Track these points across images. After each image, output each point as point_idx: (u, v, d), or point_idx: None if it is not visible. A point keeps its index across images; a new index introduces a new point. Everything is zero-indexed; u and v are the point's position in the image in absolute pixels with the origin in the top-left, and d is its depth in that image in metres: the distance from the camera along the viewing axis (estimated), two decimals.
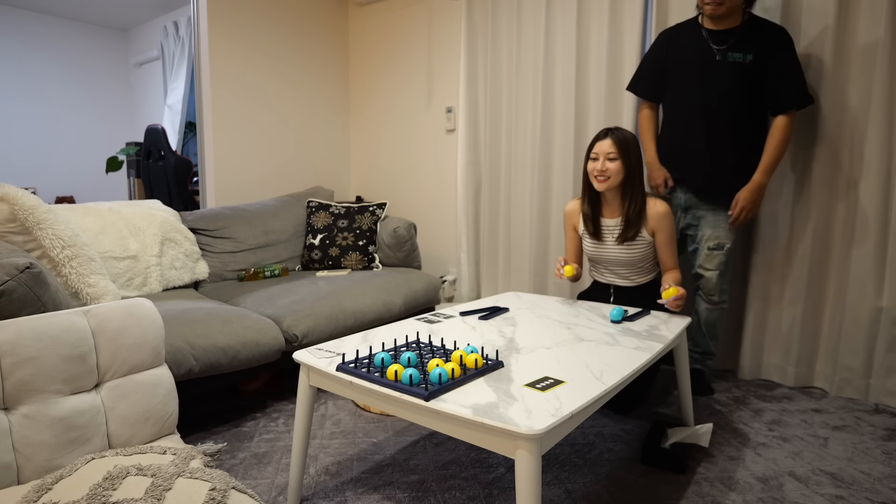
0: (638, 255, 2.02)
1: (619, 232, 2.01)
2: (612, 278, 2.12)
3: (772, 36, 1.99)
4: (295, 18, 3.43)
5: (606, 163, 1.94)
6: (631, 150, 1.94)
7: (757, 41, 2.00)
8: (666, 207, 1.97)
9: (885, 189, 2.03)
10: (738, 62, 2.02)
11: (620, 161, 1.93)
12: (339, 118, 3.79)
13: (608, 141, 1.95)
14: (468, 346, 1.30)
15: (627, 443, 1.80)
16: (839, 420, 1.97)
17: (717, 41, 2.06)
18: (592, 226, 2.06)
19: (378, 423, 1.94)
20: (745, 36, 2.02)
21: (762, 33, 2.00)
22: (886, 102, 1.99)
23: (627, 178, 1.96)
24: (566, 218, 2.17)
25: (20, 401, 1.07)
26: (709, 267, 2.15)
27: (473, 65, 3.11)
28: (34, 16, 4.92)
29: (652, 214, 1.97)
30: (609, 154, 1.94)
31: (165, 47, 4.91)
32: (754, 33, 2.01)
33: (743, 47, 2.01)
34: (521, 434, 0.96)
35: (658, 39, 2.24)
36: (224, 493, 0.94)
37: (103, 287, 1.77)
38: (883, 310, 2.05)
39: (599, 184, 1.96)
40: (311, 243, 2.86)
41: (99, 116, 5.36)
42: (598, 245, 2.07)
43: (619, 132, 1.96)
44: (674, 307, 1.77)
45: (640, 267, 2.05)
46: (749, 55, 2.01)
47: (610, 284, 2.13)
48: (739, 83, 2.03)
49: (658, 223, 1.97)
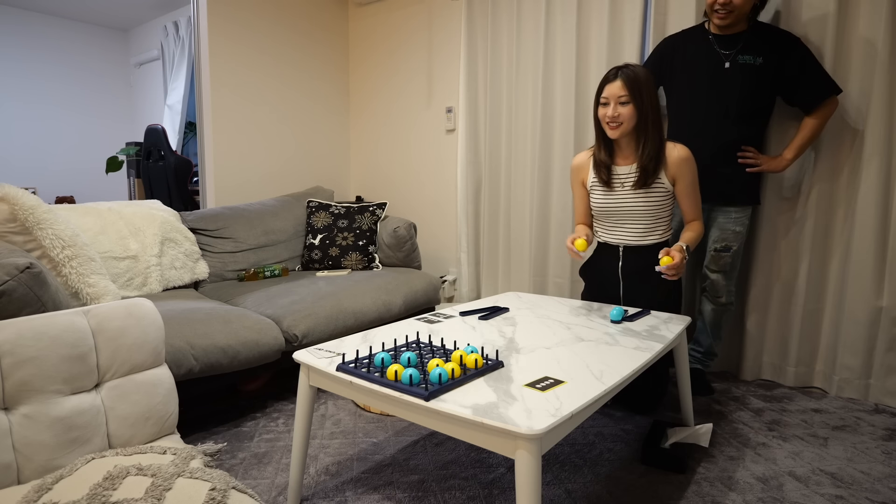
0: (655, 205, 1.88)
1: (633, 178, 1.87)
2: (623, 236, 1.97)
3: (780, 39, 2.01)
4: (295, 18, 3.43)
5: (618, 108, 1.81)
6: (643, 89, 1.80)
7: (765, 45, 2.02)
8: (687, 152, 1.86)
9: (885, 189, 2.03)
10: (749, 64, 2.03)
11: (633, 105, 1.80)
12: (339, 118, 3.79)
13: (618, 83, 1.81)
14: (468, 346, 1.30)
15: (627, 443, 1.80)
16: (839, 420, 1.97)
17: (724, 46, 2.07)
18: (604, 173, 1.92)
19: (378, 423, 1.94)
20: (753, 40, 2.04)
21: (769, 38, 2.02)
22: (886, 101, 1.99)
23: (640, 121, 1.83)
24: (573, 173, 2.04)
25: (20, 401, 1.07)
26: (714, 268, 2.15)
27: (473, 65, 3.11)
28: (34, 16, 4.92)
29: (672, 159, 1.85)
30: (620, 98, 1.81)
31: (165, 47, 4.91)
32: (761, 38, 2.03)
33: (752, 50, 2.03)
34: (521, 434, 0.96)
35: (662, 46, 2.24)
36: (224, 493, 0.94)
37: (103, 287, 1.77)
38: (883, 309, 2.05)
39: (612, 131, 1.84)
40: (311, 243, 2.86)
41: (99, 116, 5.37)
42: (610, 195, 1.94)
43: (630, 70, 1.81)
44: (669, 276, 1.75)
45: (656, 220, 1.92)
46: (759, 58, 2.02)
47: (619, 245, 1.99)
48: (750, 85, 2.04)
49: (679, 169, 1.85)
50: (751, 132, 2.09)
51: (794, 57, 2.00)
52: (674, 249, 1.78)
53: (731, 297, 2.17)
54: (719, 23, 2.04)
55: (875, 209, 2.05)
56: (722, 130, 2.09)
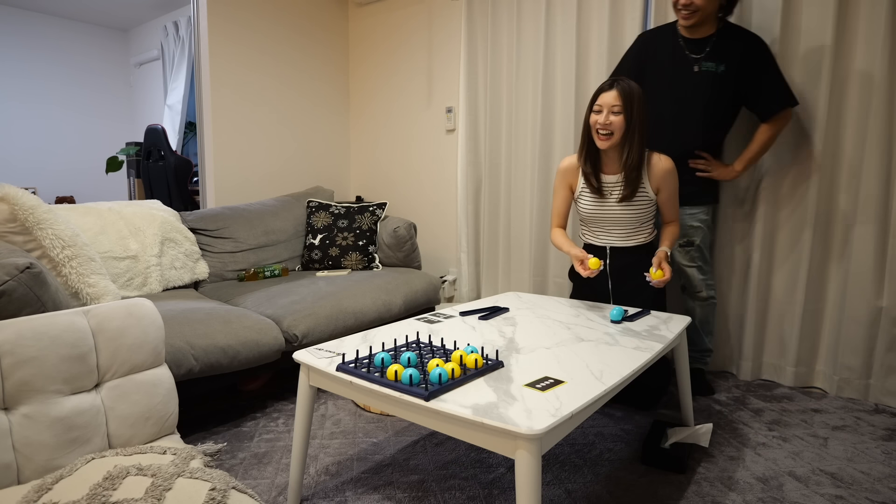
0: (640, 212, 1.96)
1: (619, 189, 1.94)
2: (608, 239, 2.04)
3: (746, 45, 2.02)
4: (295, 18, 3.43)
5: (610, 116, 1.85)
6: (635, 102, 1.85)
7: (730, 51, 2.03)
8: (670, 163, 1.93)
9: (885, 188, 2.03)
10: (711, 72, 2.05)
11: (623, 115, 1.85)
12: (339, 118, 3.79)
13: (613, 92, 1.85)
14: (468, 346, 1.30)
15: (627, 443, 1.80)
16: (839, 420, 1.97)
17: (692, 50, 2.09)
18: (596, 181, 1.97)
19: (378, 423, 1.94)
20: (719, 46, 2.05)
21: (736, 43, 2.03)
22: (886, 101, 1.99)
23: (627, 132, 1.87)
24: (561, 175, 2.06)
25: (20, 401, 1.07)
26: (685, 262, 2.19)
27: (473, 65, 3.11)
28: (34, 16, 4.92)
29: (657, 171, 1.92)
30: (614, 107, 1.85)
31: (165, 47, 4.91)
32: (728, 43, 2.04)
33: (717, 57, 2.05)
34: (521, 434, 0.97)
35: (637, 43, 2.26)
36: (224, 493, 0.94)
37: (103, 287, 1.77)
38: (883, 309, 2.05)
39: (602, 141, 1.88)
40: (311, 243, 2.86)
41: (99, 116, 5.37)
42: (600, 203, 1.99)
43: (626, 82, 1.86)
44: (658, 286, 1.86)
45: (641, 224, 1.99)
46: (722, 65, 2.04)
47: (605, 247, 2.06)
48: (711, 93, 2.06)
49: (663, 180, 1.92)
50: (714, 139, 2.15)
51: (758, 61, 2.01)
52: (664, 261, 1.87)
53: (710, 290, 2.20)
54: (684, 23, 2.05)
55: (876, 209, 2.05)
56: (688, 137, 2.13)
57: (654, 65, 2.17)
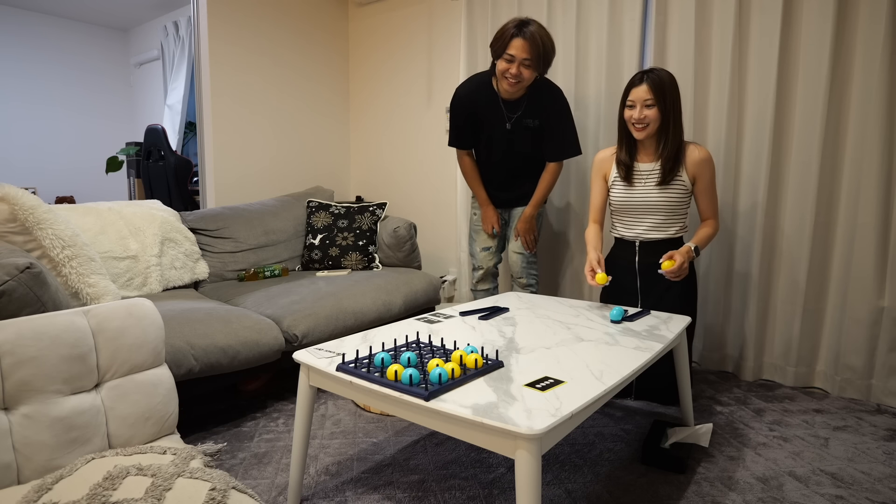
0: (674, 201, 1.96)
1: (656, 175, 1.96)
2: (639, 230, 2.04)
3: (550, 100, 2.31)
4: (295, 19, 3.43)
5: (644, 110, 1.90)
6: (667, 93, 1.88)
7: (539, 108, 2.31)
8: (708, 153, 1.94)
9: (885, 188, 2.03)
10: (530, 126, 2.35)
11: (657, 107, 1.89)
12: (340, 118, 3.79)
13: (644, 87, 1.89)
14: (468, 346, 1.30)
15: (627, 443, 1.80)
16: (840, 420, 1.97)
17: (510, 109, 2.35)
18: (625, 170, 2.01)
19: (378, 423, 1.94)
20: (531, 104, 2.32)
21: (542, 99, 2.31)
22: (886, 102, 1.99)
23: (664, 122, 1.92)
24: (596, 166, 2.12)
25: (20, 401, 1.07)
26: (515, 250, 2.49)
27: (473, 65, 3.11)
28: (34, 16, 4.92)
29: (693, 160, 1.94)
30: (646, 101, 1.89)
31: (165, 47, 4.91)
32: (537, 100, 2.31)
33: (532, 114, 2.33)
34: (521, 434, 0.96)
35: (460, 100, 2.42)
36: (224, 493, 0.94)
37: (103, 287, 1.77)
38: (884, 310, 2.05)
39: (638, 132, 1.93)
40: (311, 243, 2.86)
41: (99, 116, 5.37)
42: (631, 191, 2.01)
43: (655, 74, 1.89)
44: (672, 278, 1.85)
45: (673, 215, 1.99)
46: (536, 120, 2.34)
47: (635, 241, 2.05)
48: (531, 143, 2.38)
49: (699, 169, 1.94)
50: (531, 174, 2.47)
51: (554, 119, 2.31)
52: (678, 252, 1.85)
53: (531, 279, 2.51)
54: (510, 89, 2.24)
55: (876, 208, 2.04)
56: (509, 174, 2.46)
57: (481, 118, 2.40)
